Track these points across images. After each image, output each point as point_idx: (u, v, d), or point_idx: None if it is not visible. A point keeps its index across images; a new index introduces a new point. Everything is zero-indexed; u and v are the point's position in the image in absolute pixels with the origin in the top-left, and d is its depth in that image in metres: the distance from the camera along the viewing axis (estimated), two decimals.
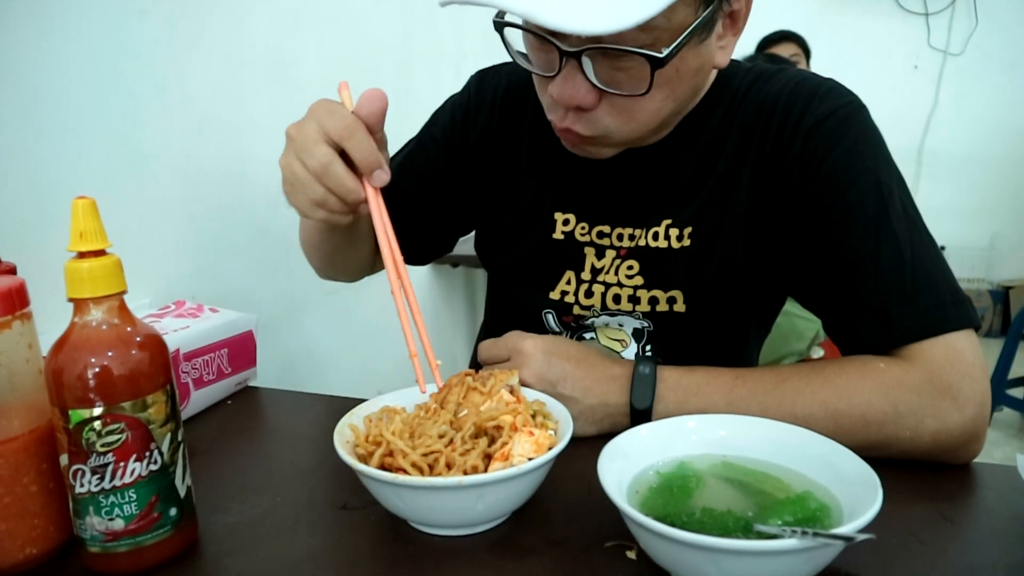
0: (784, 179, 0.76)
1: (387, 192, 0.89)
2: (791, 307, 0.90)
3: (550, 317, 0.88)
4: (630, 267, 0.83)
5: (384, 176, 0.66)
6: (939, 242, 0.72)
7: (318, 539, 0.57)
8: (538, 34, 0.66)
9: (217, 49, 1.10)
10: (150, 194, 0.99)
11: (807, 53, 2.74)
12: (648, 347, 0.84)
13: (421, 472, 0.54)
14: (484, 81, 0.94)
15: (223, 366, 0.87)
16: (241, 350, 0.90)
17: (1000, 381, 2.72)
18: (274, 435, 0.82)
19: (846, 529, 0.43)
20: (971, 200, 3.83)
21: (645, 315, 0.83)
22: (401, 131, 0.96)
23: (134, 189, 0.97)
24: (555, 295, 0.86)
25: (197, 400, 0.83)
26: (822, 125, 0.73)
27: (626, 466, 0.55)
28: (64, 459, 0.51)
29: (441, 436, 0.58)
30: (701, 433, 0.59)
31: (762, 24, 2.73)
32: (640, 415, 0.68)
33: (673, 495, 0.53)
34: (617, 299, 0.83)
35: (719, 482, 0.56)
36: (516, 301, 0.90)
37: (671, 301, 0.82)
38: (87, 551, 0.52)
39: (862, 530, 0.43)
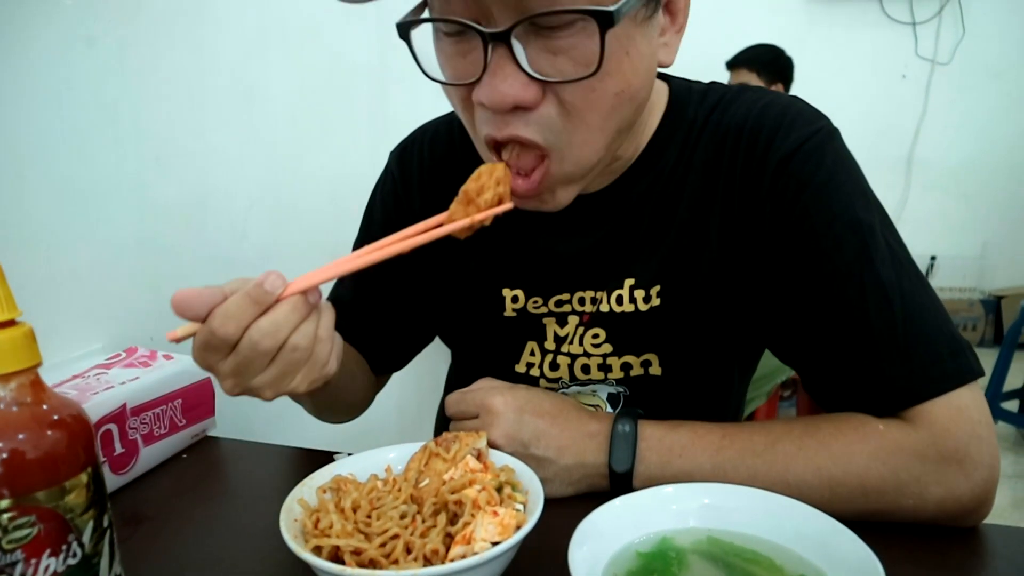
0: (756, 220, 0.69)
1: (353, 309, 0.85)
2: None
3: None
4: (595, 335, 0.76)
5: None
6: (930, 252, 0.68)
7: None
8: (455, 22, 0.56)
9: (175, 75, 1.04)
10: (102, 232, 0.94)
11: (779, 80, 2.55)
12: None
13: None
14: (404, 157, 0.86)
15: (176, 418, 0.81)
16: (198, 399, 0.85)
17: (995, 394, 2.68)
18: (230, 496, 0.77)
19: None
20: (961, 209, 3.81)
21: (619, 381, 0.77)
22: (379, 150, 0.91)
23: (85, 227, 0.91)
24: (520, 368, 0.80)
25: (147, 457, 0.77)
26: (792, 159, 0.66)
27: (601, 547, 0.50)
28: None
29: (402, 517, 0.52)
30: (682, 503, 0.54)
31: (750, 34, 2.70)
32: (620, 478, 0.63)
33: None
34: (586, 369, 0.76)
35: (703, 562, 0.50)
36: (480, 372, 0.79)
37: (646, 364, 0.75)
38: None
39: None
